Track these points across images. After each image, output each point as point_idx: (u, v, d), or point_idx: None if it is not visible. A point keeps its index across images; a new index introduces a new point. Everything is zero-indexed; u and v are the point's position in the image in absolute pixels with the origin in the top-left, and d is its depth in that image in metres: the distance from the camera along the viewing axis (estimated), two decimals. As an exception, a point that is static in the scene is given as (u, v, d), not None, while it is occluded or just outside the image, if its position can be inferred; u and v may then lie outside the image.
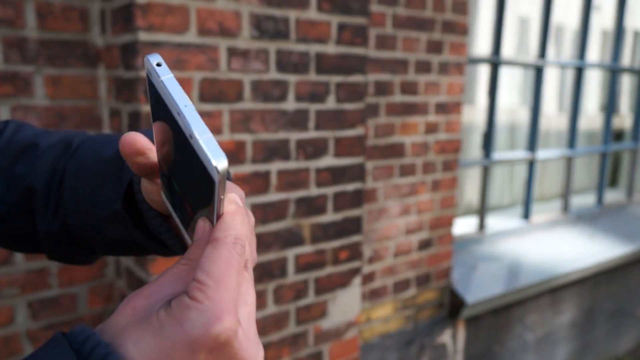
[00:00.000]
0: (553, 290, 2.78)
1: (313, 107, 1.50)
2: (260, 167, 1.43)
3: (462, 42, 2.09)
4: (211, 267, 0.30)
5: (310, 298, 1.59)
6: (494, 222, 2.88)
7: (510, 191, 3.34)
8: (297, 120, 1.47)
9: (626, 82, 4.11)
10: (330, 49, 1.49)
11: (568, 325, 2.95)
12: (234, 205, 0.33)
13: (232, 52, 1.32)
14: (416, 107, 2.02)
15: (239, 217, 0.32)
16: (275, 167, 1.45)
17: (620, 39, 3.32)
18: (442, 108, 2.10)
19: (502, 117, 3.14)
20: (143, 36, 1.18)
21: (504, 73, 3.09)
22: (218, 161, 0.28)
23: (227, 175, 0.29)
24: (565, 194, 3.21)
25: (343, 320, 1.68)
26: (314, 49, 1.46)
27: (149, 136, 0.48)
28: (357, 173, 1.63)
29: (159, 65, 0.31)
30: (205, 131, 0.29)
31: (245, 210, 0.36)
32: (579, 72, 3.08)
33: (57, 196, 0.51)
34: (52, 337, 0.29)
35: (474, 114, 2.97)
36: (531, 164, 2.91)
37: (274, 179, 1.46)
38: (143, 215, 0.48)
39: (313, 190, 1.54)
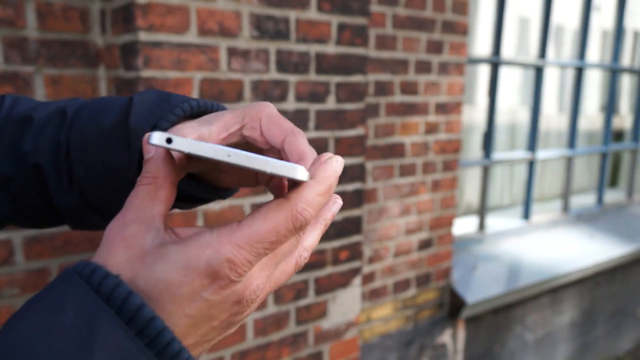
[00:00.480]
0: (553, 290, 2.78)
1: (313, 107, 1.50)
2: (261, 167, 1.43)
3: (462, 42, 2.10)
4: (258, 222, 0.30)
5: (311, 298, 1.59)
6: (494, 222, 2.88)
7: (510, 191, 3.33)
8: (297, 120, 1.47)
9: (626, 82, 4.11)
10: (331, 49, 1.49)
11: (568, 325, 2.95)
12: (326, 188, 0.33)
13: (232, 52, 1.32)
14: (416, 107, 2.02)
15: (321, 198, 0.32)
16: (275, 167, 1.45)
17: (620, 39, 3.32)
18: (442, 108, 2.10)
19: (502, 117, 3.14)
20: (143, 36, 1.18)
21: (504, 73, 3.09)
22: (300, 174, 0.30)
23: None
24: (565, 194, 3.21)
25: (343, 320, 1.68)
26: (314, 49, 1.46)
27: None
28: (357, 173, 1.63)
29: (169, 141, 0.29)
30: (266, 162, 0.29)
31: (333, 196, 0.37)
32: (579, 72, 3.08)
33: (67, 171, 0.50)
34: (61, 274, 0.29)
35: (474, 114, 2.97)
36: (531, 164, 2.91)
37: (274, 179, 1.46)
38: None
39: (313, 190, 1.54)
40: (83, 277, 0.29)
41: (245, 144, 0.47)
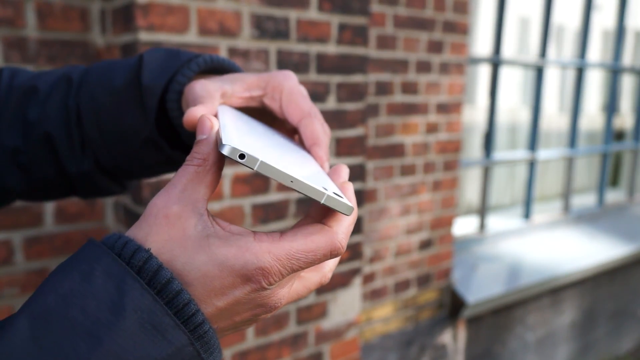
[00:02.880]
0: (554, 291, 2.78)
1: (313, 107, 1.49)
2: (261, 167, 1.42)
3: (462, 42, 2.09)
4: (300, 241, 0.32)
5: (311, 298, 1.59)
6: (494, 222, 2.88)
7: (511, 191, 3.33)
8: (298, 120, 1.47)
9: (627, 82, 4.10)
10: (331, 48, 1.49)
11: (569, 326, 2.95)
12: (355, 217, 0.35)
13: (233, 52, 1.32)
14: (417, 107, 2.02)
15: (352, 227, 0.35)
16: (275, 167, 1.45)
17: (621, 38, 3.31)
18: (442, 108, 2.10)
19: (503, 117, 3.14)
20: (143, 36, 1.18)
21: (505, 73, 3.09)
22: (347, 211, 0.32)
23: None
24: (566, 194, 3.21)
25: (343, 320, 1.68)
26: (314, 48, 1.46)
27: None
28: (358, 173, 1.63)
29: (242, 157, 0.30)
30: (321, 194, 0.31)
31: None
32: (580, 72, 3.08)
33: (80, 136, 0.49)
34: (86, 244, 0.30)
35: (475, 114, 2.97)
36: (532, 164, 2.91)
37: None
38: (180, 133, 0.49)
39: (313, 190, 1.54)
40: (115, 249, 0.30)
41: (263, 110, 0.48)
